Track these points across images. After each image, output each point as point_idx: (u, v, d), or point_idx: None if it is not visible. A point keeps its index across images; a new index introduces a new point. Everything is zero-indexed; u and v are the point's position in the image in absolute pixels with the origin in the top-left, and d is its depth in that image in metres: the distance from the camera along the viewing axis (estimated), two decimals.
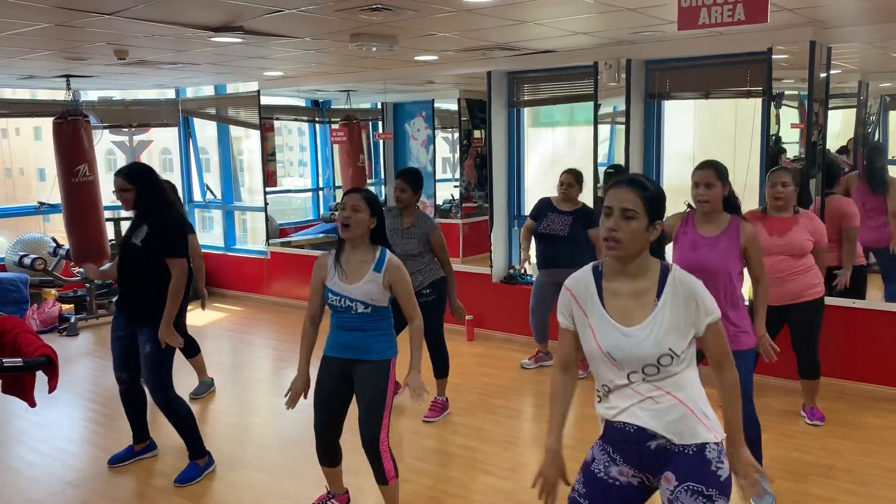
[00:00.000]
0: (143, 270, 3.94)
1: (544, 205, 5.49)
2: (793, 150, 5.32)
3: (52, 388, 2.49)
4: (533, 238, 5.58)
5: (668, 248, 3.66)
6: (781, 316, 4.48)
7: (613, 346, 2.12)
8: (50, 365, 2.46)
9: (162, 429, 4.52)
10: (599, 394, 2.23)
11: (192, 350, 5.38)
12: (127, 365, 4.10)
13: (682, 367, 2.13)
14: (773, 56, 5.13)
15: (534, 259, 5.81)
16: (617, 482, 2.20)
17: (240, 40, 5.02)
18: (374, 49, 5.03)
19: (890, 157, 6.10)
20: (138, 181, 3.98)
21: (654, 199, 2.13)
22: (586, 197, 5.59)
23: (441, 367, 4.91)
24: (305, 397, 3.35)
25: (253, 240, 9.75)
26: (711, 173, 3.40)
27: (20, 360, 2.36)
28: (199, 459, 4.08)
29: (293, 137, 10.99)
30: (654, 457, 2.13)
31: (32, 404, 2.56)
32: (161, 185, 4.13)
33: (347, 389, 3.32)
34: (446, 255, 4.76)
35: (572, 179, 5.38)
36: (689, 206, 4.16)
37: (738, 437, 2.19)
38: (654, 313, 2.10)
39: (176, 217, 4.14)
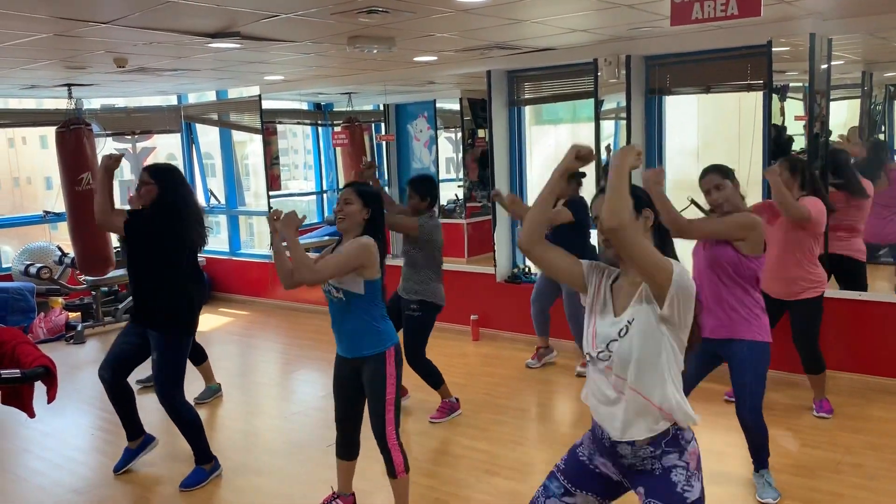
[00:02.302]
0: (150, 269, 3.97)
1: None
2: (800, 141, 5.28)
3: (51, 398, 2.49)
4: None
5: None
6: (782, 307, 4.47)
7: (599, 328, 2.24)
8: (48, 375, 2.46)
9: (171, 435, 4.53)
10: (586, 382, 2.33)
11: (199, 357, 5.40)
12: (114, 365, 4.11)
13: (646, 346, 2.15)
14: (774, 49, 5.09)
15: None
16: (597, 469, 2.33)
17: (237, 46, 5.03)
18: (374, 51, 5.03)
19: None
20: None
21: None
22: (588, 191, 5.58)
23: (430, 379, 4.87)
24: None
25: (260, 244, 9.77)
26: (715, 176, 3.45)
27: (18, 371, 2.37)
28: (205, 464, 4.09)
29: (298, 141, 11.00)
30: (628, 469, 2.25)
31: (32, 415, 2.57)
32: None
33: (359, 382, 3.36)
34: (406, 218, 4.70)
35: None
36: (691, 200, 4.15)
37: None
38: (635, 300, 2.18)
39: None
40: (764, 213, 4.39)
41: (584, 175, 5.66)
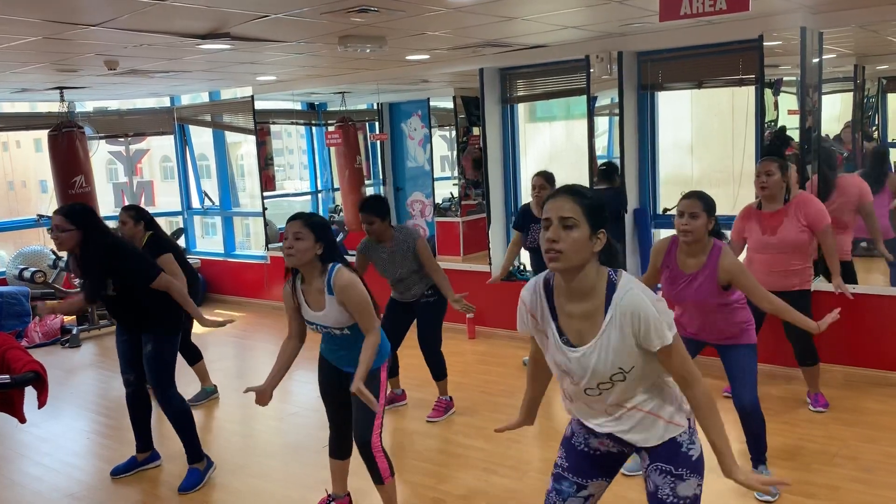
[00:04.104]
0: (129, 298, 3.95)
1: (526, 214, 5.39)
2: (796, 136, 5.27)
3: (41, 403, 2.49)
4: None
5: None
6: None
7: (564, 363, 2.15)
8: (38, 380, 2.46)
9: (166, 439, 4.53)
10: (563, 396, 2.29)
11: (194, 357, 5.40)
12: (133, 364, 4.13)
13: (644, 381, 2.13)
14: (765, 43, 5.09)
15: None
16: (598, 451, 2.31)
17: (228, 47, 5.02)
18: (367, 50, 5.02)
19: (890, 140, 6.07)
20: (81, 222, 3.77)
21: (595, 208, 2.04)
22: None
23: (438, 370, 4.88)
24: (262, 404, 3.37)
25: (256, 244, 9.76)
26: (697, 203, 3.33)
27: (7, 376, 2.36)
28: (197, 464, 4.09)
29: (293, 141, 10.98)
30: (629, 444, 2.24)
31: (22, 420, 2.56)
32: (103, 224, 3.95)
33: (345, 386, 3.31)
34: (433, 262, 4.66)
35: (543, 181, 5.21)
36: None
37: (727, 455, 2.09)
38: (599, 334, 2.06)
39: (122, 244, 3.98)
40: (752, 218, 4.44)
41: (616, 169, 5.69)
